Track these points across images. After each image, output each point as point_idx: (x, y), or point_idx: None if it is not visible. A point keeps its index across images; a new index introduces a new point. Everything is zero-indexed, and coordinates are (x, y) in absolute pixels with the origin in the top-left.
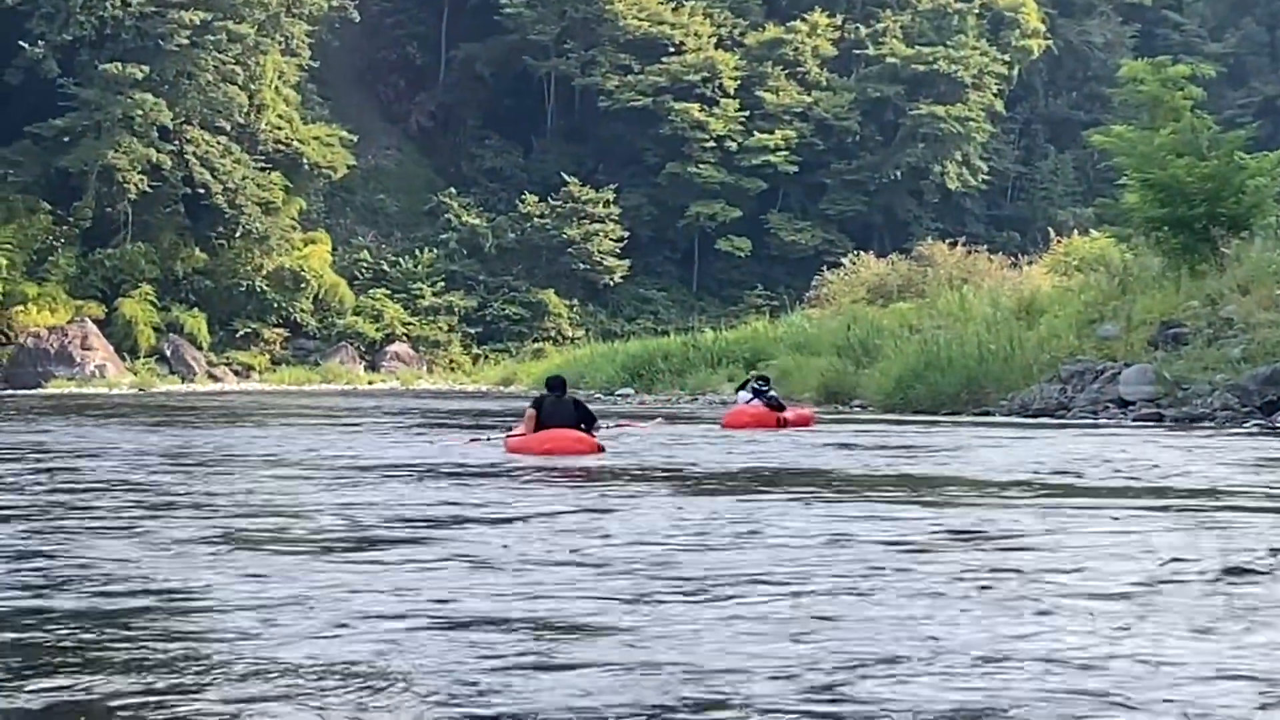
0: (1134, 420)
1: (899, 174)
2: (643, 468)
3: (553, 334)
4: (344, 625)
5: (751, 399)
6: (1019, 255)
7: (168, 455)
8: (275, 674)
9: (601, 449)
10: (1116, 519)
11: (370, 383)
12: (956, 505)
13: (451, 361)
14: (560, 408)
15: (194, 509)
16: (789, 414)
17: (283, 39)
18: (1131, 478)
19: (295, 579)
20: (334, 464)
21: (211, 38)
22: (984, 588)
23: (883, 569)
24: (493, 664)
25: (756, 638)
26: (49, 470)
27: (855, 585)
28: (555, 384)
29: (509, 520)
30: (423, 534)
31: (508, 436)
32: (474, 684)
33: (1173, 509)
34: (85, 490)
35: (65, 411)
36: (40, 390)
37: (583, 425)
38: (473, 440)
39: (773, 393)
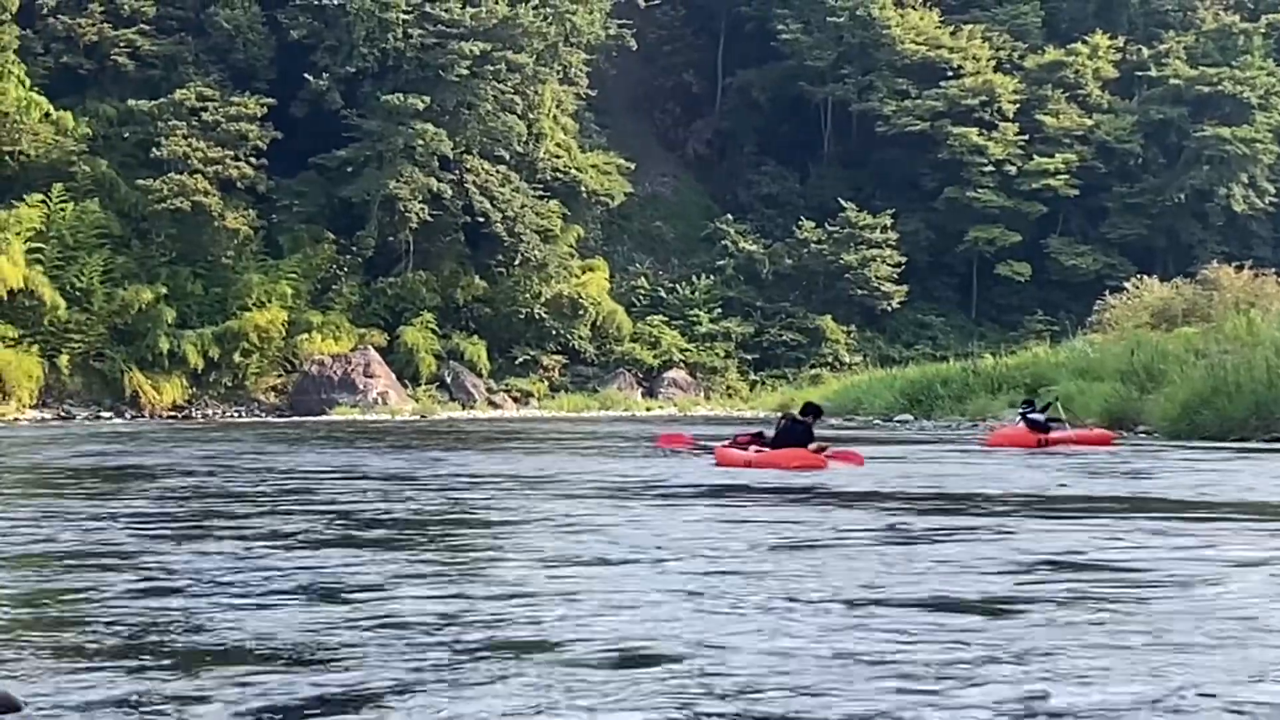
0: None
1: (1183, 197)
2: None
3: (830, 360)
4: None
5: (1018, 420)
6: None
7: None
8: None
9: (825, 464)
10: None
11: (648, 409)
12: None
13: (729, 388)
14: (794, 430)
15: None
16: (1055, 434)
17: (561, 68)
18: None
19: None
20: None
21: (491, 68)
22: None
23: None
24: None
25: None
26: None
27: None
28: (807, 410)
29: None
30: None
31: (720, 449)
32: None
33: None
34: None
35: (336, 437)
36: (324, 417)
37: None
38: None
39: (1034, 415)
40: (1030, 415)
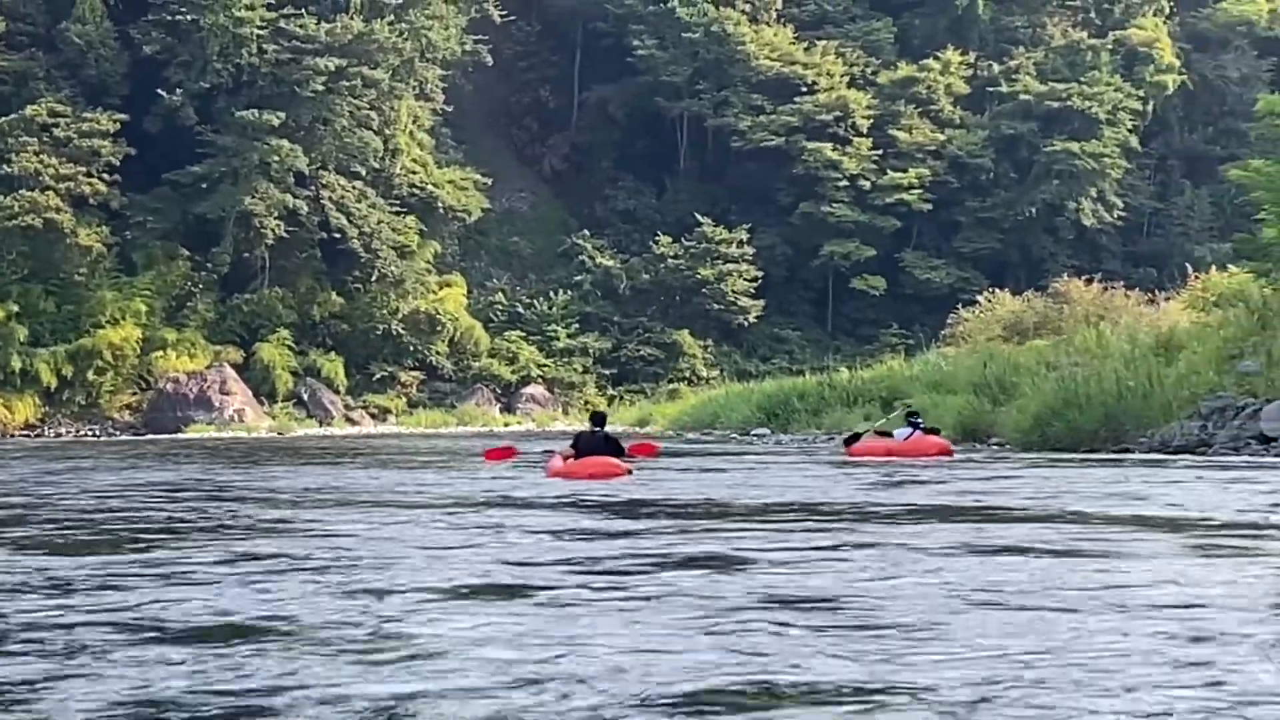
0: (1275, 456)
1: (1034, 211)
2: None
3: (687, 374)
4: None
5: (912, 432)
6: (1156, 291)
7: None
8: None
9: (630, 472)
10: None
11: (506, 425)
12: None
13: (587, 403)
14: (594, 439)
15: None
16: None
17: (417, 84)
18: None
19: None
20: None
21: (346, 83)
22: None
23: None
24: None
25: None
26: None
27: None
28: (597, 419)
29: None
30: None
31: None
32: None
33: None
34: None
35: (176, 454)
36: (180, 435)
37: (615, 453)
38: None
39: (926, 426)
40: (924, 426)
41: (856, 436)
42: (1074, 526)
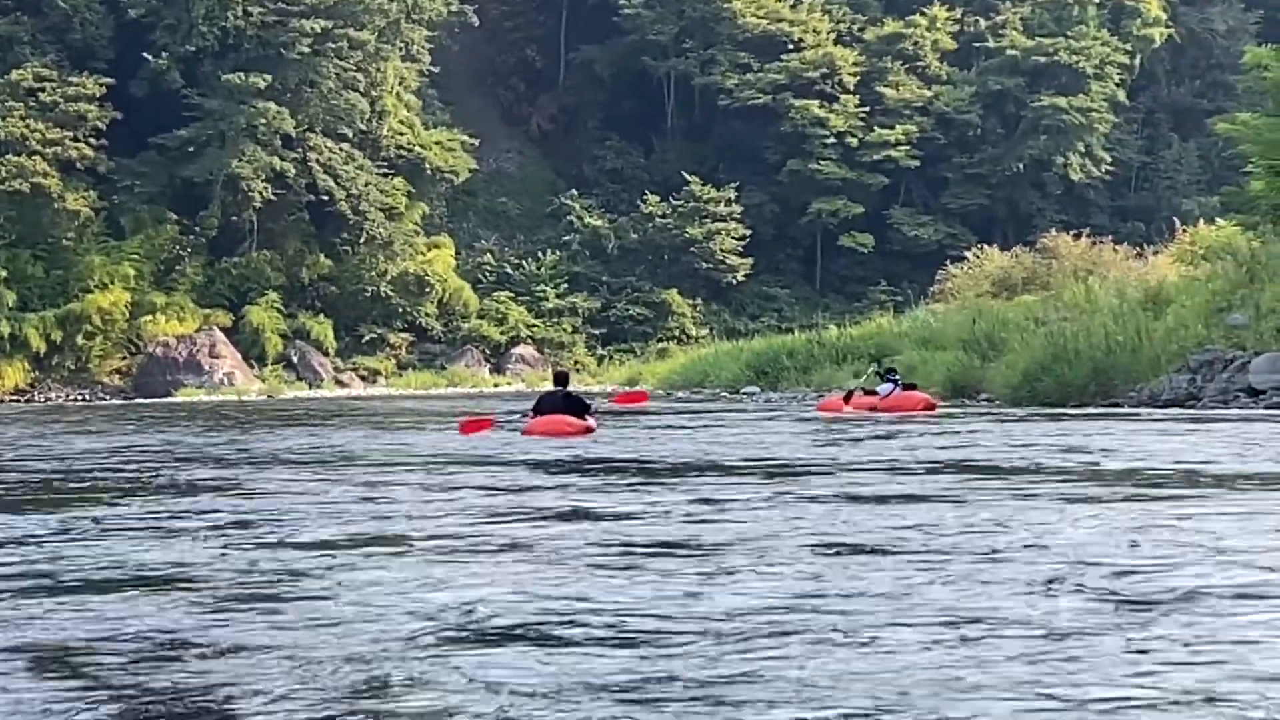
0: (1265, 409)
1: (1021, 166)
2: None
3: (676, 333)
4: None
5: (894, 388)
6: (1144, 245)
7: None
8: None
9: (591, 430)
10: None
11: (495, 385)
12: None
13: (576, 363)
14: (554, 399)
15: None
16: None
17: (403, 45)
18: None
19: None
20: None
21: (332, 45)
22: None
23: None
24: None
25: None
26: None
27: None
28: (560, 379)
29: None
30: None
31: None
32: None
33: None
34: None
35: (155, 418)
36: (169, 399)
37: (575, 412)
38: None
39: (907, 381)
40: (904, 381)
41: (851, 395)
42: (997, 478)
